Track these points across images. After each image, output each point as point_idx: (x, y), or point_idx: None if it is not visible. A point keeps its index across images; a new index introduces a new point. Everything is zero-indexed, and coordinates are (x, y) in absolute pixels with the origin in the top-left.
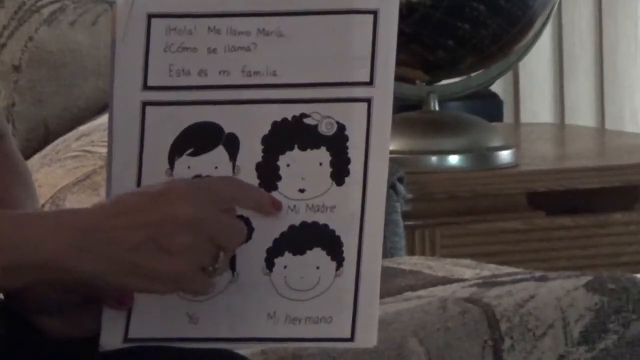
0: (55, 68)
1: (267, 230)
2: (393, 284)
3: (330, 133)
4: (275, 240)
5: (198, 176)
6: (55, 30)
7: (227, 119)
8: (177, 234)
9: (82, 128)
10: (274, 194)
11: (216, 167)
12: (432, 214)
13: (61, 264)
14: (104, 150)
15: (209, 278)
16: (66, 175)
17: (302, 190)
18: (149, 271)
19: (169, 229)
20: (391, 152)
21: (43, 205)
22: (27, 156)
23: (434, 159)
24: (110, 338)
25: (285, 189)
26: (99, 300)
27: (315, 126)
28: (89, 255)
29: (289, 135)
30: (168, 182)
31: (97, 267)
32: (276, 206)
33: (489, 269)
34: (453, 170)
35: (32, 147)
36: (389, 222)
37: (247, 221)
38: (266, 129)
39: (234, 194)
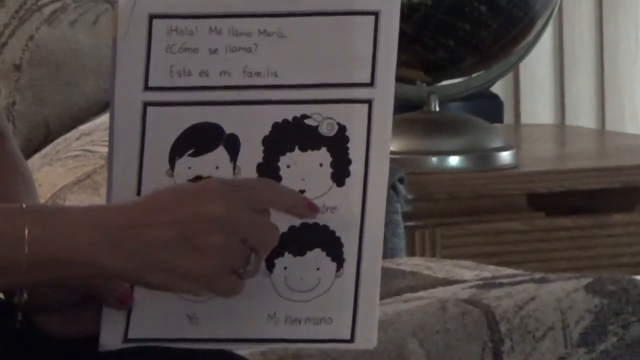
0: (56, 67)
1: None
2: (393, 285)
3: (331, 134)
4: None
5: (199, 177)
6: (56, 30)
7: (228, 119)
8: (210, 232)
9: (83, 127)
10: None
11: (217, 168)
12: (433, 214)
13: (92, 259)
14: (105, 149)
15: (240, 280)
16: (67, 174)
17: (302, 191)
18: (179, 269)
19: (201, 227)
20: (391, 152)
21: None
22: (28, 155)
23: (434, 159)
24: (110, 338)
25: None
26: (99, 300)
27: (316, 127)
28: (120, 251)
29: (290, 136)
30: (203, 181)
31: (128, 263)
32: (312, 208)
33: (489, 271)
34: (453, 170)
35: (33, 146)
36: (389, 223)
37: None
38: (267, 129)
39: (270, 196)
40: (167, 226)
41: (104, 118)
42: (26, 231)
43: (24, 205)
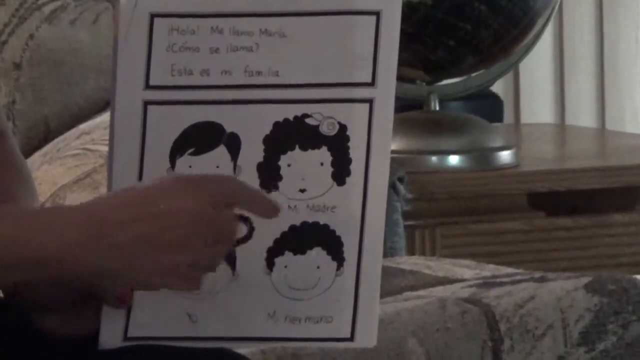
0: (56, 66)
1: (268, 229)
2: (393, 283)
3: (332, 133)
4: (276, 240)
5: None
6: (56, 28)
7: (229, 118)
8: (174, 227)
9: (83, 126)
10: (275, 194)
11: (217, 167)
12: (433, 214)
13: (60, 260)
14: (105, 148)
15: (199, 275)
16: (66, 173)
17: (302, 190)
18: (145, 266)
19: (166, 222)
20: (391, 152)
21: (43, 204)
22: (28, 154)
23: (434, 159)
24: (110, 337)
25: (286, 189)
26: (98, 299)
27: (317, 126)
28: (87, 250)
29: (291, 135)
30: (167, 177)
31: (96, 262)
32: (273, 209)
33: (488, 270)
34: (453, 170)
35: (33, 145)
36: (389, 222)
37: (247, 220)
38: (267, 129)
39: (233, 192)
40: (133, 223)
41: (104, 117)
42: None
43: None
